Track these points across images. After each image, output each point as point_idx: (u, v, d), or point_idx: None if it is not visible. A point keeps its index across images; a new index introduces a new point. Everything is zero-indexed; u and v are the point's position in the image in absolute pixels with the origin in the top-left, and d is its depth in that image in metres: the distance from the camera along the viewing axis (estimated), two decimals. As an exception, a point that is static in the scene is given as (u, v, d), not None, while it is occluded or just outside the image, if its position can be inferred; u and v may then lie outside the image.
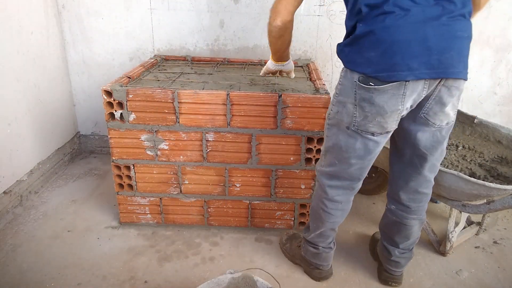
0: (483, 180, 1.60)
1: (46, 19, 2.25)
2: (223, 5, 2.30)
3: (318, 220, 1.50)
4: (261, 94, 1.65)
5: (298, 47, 2.38)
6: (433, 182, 1.43)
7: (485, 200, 1.68)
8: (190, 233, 1.90)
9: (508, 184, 1.67)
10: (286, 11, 1.32)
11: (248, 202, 1.87)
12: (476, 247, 1.87)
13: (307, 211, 1.88)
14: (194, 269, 1.67)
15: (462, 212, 1.72)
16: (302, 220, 1.90)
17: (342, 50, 1.23)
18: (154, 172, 1.81)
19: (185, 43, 2.42)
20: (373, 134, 1.24)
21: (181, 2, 2.31)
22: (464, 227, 1.86)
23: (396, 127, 1.26)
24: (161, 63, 2.22)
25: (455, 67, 1.14)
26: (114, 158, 1.79)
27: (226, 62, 2.28)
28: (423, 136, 1.28)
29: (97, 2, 2.33)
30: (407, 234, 1.49)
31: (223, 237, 1.88)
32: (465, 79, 1.18)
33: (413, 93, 1.15)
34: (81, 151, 2.72)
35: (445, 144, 1.33)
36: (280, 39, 1.43)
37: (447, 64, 1.12)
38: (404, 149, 1.36)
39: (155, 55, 2.38)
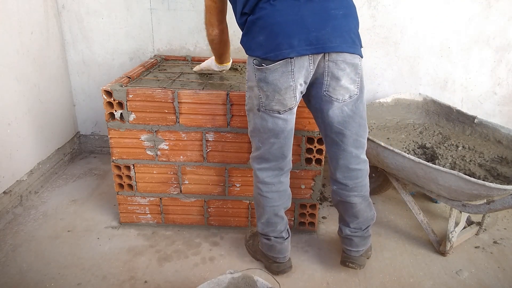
0: (483, 180, 1.60)
1: (46, 19, 2.25)
2: (223, 5, 2.30)
3: (259, 206, 1.56)
4: (261, 94, 1.65)
5: (298, 47, 2.37)
6: (363, 158, 1.49)
7: (485, 200, 1.68)
8: (190, 233, 1.90)
9: (508, 184, 1.67)
10: (217, 22, 1.55)
11: (248, 202, 1.87)
12: (476, 247, 1.87)
13: (307, 211, 1.88)
14: (194, 269, 1.67)
15: (462, 212, 1.72)
16: (302, 220, 1.90)
17: (242, 40, 1.36)
18: (154, 172, 1.81)
19: (185, 43, 2.42)
20: (279, 112, 1.35)
21: (181, 2, 2.31)
22: (464, 227, 1.86)
23: (297, 103, 1.36)
24: (161, 63, 2.22)
25: (332, 42, 1.25)
26: (114, 158, 1.79)
27: (226, 62, 2.27)
28: (334, 113, 1.37)
29: (97, 2, 2.33)
30: (353, 212, 1.55)
31: (223, 237, 1.88)
32: (349, 52, 1.28)
33: (301, 69, 1.27)
34: (81, 151, 2.72)
35: (359, 120, 1.41)
36: (221, 44, 1.66)
37: (324, 39, 1.24)
38: (324, 130, 1.44)
39: (155, 55, 2.38)
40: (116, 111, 1.70)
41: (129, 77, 1.81)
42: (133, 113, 1.70)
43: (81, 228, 1.91)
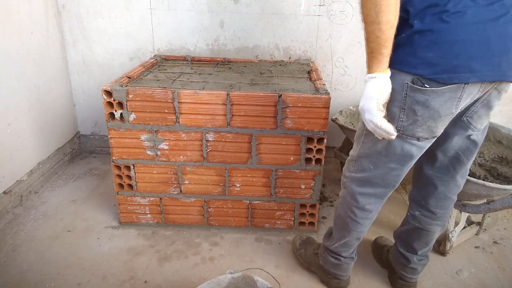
0: (483, 180, 1.60)
1: (46, 19, 2.25)
2: (223, 5, 2.31)
3: (344, 229, 1.43)
4: (261, 94, 1.65)
5: (298, 47, 2.38)
6: (461, 189, 1.39)
7: (485, 200, 1.68)
8: (190, 233, 1.90)
9: (508, 184, 1.67)
10: None
11: (248, 202, 1.87)
12: (476, 247, 1.87)
13: (307, 211, 1.88)
14: (194, 269, 1.67)
15: (462, 212, 1.72)
16: (302, 220, 1.90)
17: (396, 50, 1.10)
18: (154, 172, 1.81)
19: (185, 43, 2.42)
20: (418, 139, 1.17)
21: (181, 2, 2.31)
22: (464, 227, 1.86)
23: (443, 131, 1.19)
24: (161, 63, 2.22)
25: (511, 70, 1.09)
26: (114, 158, 1.79)
27: (226, 62, 2.28)
28: (459, 138, 1.25)
29: (97, 2, 2.33)
30: (427, 240, 1.47)
31: (223, 237, 1.88)
32: None
33: (468, 96, 1.10)
34: (81, 151, 2.72)
35: (478, 149, 1.30)
36: (396, 5, 1.03)
37: (506, 67, 1.08)
38: (437, 152, 1.31)
39: (155, 55, 2.38)
40: (116, 111, 1.70)
41: (129, 77, 1.81)
42: (133, 113, 1.70)
43: (81, 228, 1.91)
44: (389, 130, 1.13)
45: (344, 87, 2.47)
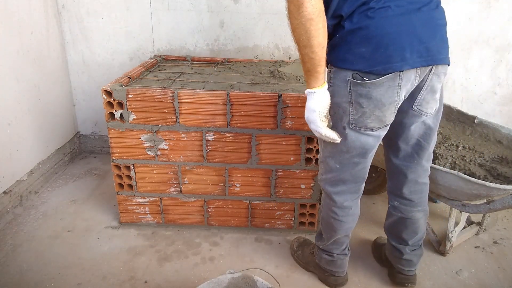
0: (483, 180, 1.60)
1: (46, 19, 2.25)
2: (223, 5, 2.31)
3: (331, 229, 1.47)
4: (261, 94, 1.65)
5: (298, 47, 2.38)
6: (429, 171, 1.46)
7: (485, 200, 1.68)
8: (190, 233, 1.90)
9: (508, 184, 1.67)
10: None
11: (248, 202, 1.87)
12: (476, 247, 1.87)
13: (307, 211, 1.88)
14: (194, 269, 1.67)
15: (462, 212, 1.72)
16: (302, 220, 1.90)
17: (331, 51, 1.19)
18: (154, 172, 1.81)
19: (185, 43, 2.42)
20: (372, 129, 1.24)
21: (181, 2, 2.31)
22: (464, 227, 1.86)
23: (393, 119, 1.26)
24: (161, 63, 2.22)
25: (441, 54, 1.19)
26: (114, 158, 1.79)
27: (226, 62, 2.28)
28: (416, 126, 1.31)
29: (97, 2, 2.33)
30: (414, 228, 1.50)
31: (223, 237, 1.88)
32: (448, 64, 1.25)
33: (407, 83, 1.17)
34: (81, 151, 2.72)
35: (436, 132, 1.37)
36: (323, 23, 1.08)
37: (435, 51, 1.16)
38: (399, 143, 1.37)
39: (155, 55, 2.38)
40: (116, 111, 1.70)
41: (129, 77, 1.81)
42: (133, 113, 1.70)
43: (81, 228, 1.91)
44: (333, 137, 1.23)
45: (344, 87, 2.47)
